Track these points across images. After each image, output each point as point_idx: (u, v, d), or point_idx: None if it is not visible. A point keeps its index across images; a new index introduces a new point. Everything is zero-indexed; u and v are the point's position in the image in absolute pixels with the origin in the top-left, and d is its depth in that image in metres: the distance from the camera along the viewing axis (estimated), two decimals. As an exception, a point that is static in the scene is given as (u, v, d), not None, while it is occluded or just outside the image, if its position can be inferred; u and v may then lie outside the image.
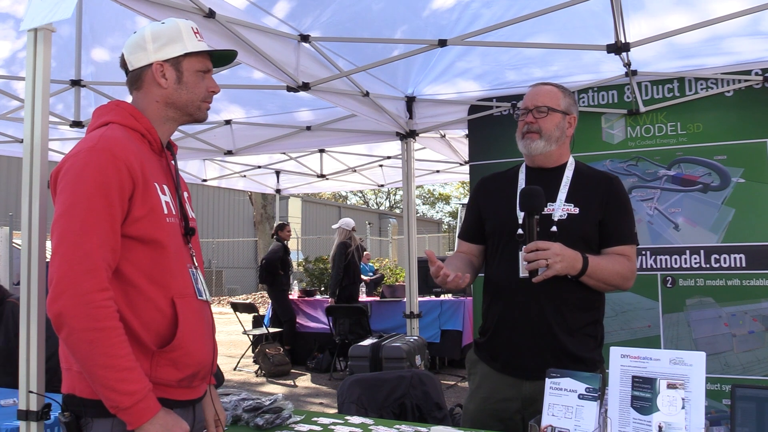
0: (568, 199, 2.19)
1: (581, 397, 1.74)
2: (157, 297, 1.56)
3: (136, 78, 1.71)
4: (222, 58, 1.82)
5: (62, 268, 1.44)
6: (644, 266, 3.96)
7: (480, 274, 2.41)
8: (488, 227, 2.31)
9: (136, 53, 1.69)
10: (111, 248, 1.49)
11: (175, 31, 1.69)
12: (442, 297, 7.67)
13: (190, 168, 7.34)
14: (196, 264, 1.73)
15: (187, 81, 1.70)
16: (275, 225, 8.90)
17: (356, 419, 2.23)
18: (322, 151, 7.04)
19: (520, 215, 2.14)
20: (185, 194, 1.77)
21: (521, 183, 2.26)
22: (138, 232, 1.54)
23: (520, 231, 2.14)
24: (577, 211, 2.16)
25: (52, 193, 1.57)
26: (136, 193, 1.54)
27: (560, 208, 2.17)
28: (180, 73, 1.69)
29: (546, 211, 2.15)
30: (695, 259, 3.86)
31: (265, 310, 9.57)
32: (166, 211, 1.61)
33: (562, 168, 2.26)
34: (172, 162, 1.76)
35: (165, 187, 1.65)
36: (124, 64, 1.72)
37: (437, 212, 44.55)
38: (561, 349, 2.13)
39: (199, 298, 1.68)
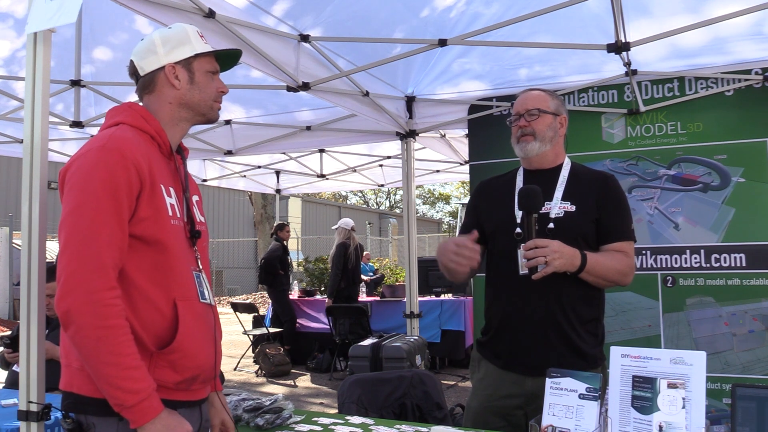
0: (565, 197, 2.23)
1: (582, 396, 1.74)
2: (158, 298, 1.56)
3: (148, 82, 1.72)
4: (226, 62, 1.84)
5: (71, 266, 1.44)
6: (644, 266, 3.96)
7: (481, 275, 2.44)
8: (487, 228, 2.35)
9: (147, 58, 1.71)
10: (118, 247, 1.49)
11: (183, 34, 1.72)
12: (443, 297, 7.67)
13: (190, 168, 7.31)
14: (201, 267, 1.72)
15: (199, 81, 1.73)
16: (275, 225, 8.90)
17: (356, 419, 2.23)
18: (322, 151, 7.05)
19: (519, 215, 2.19)
20: (195, 198, 1.79)
21: (519, 184, 2.32)
22: (142, 232, 1.54)
23: (518, 230, 2.18)
24: (573, 208, 2.21)
25: (60, 191, 1.57)
26: (143, 193, 1.54)
27: (557, 206, 2.22)
28: (192, 74, 1.72)
29: (543, 209, 2.20)
30: (695, 258, 3.86)
31: (265, 310, 9.56)
32: (170, 213, 1.62)
33: (558, 168, 2.31)
34: (182, 165, 1.77)
35: (171, 189, 1.66)
36: (134, 71, 1.74)
37: (437, 212, 44.54)
38: (565, 344, 2.16)
39: (201, 301, 1.67)
